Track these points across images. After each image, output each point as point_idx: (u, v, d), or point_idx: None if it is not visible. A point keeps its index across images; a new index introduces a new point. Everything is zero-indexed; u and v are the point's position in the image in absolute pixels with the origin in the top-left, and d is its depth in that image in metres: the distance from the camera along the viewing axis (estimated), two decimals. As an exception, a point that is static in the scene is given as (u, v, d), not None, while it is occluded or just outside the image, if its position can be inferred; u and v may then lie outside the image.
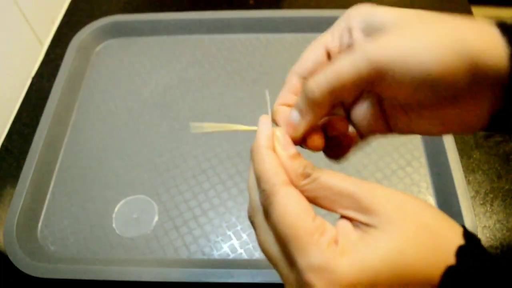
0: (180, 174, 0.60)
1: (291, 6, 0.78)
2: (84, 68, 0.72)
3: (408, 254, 0.22)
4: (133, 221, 0.56)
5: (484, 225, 0.54)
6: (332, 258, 0.23)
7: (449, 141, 0.57)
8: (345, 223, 0.25)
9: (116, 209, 0.57)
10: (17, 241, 0.52)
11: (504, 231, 0.53)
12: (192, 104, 0.67)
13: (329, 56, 0.30)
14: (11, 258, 0.51)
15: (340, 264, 0.22)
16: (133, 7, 0.81)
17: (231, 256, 0.53)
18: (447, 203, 0.54)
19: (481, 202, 0.55)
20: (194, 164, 0.60)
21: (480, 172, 0.58)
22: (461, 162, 0.56)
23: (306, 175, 0.26)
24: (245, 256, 0.53)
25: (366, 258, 0.22)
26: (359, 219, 0.24)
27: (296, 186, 0.26)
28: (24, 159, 0.59)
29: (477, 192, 0.56)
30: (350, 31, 0.28)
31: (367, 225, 0.24)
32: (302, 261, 0.23)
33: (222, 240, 0.54)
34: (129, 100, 0.68)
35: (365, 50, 0.24)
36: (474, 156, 0.59)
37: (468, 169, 0.58)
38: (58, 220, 0.57)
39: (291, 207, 0.24)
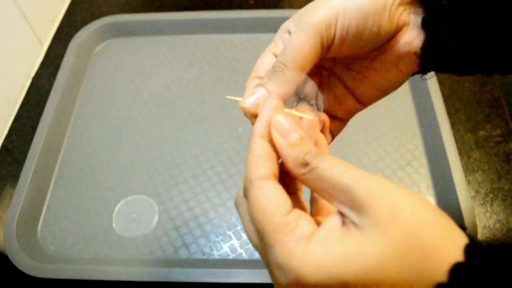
0: (180, 174, 0.60)
1: (291, 6, 0.78)
2: (84, 68, 0.72)
3: (388, 266, 0.21)
4: (133, 221, 0.56)
5: (484, 225, 0.54)
6: (298, 257, 0.22)
7: (449, 141, 0.57)
8: (335, 218, 0.24)
9: (116, 209, 0.57)
10: (17, 241, 0.52)
11: (504, 231, 0.53)
12: (192, 104, 0.67)
13: None
14: (11, 258, 0.51)
15: (306, 264, 0.22)
16: (133, 7, 0.81)
17: (231, 256, 0.53)
18: (447, 203, 0.54)
19: (481, 202, 0.55)
20: (194, 164, 0.60)
21: (480, 172, 0.58)
22: (461, 162, 0.56)
23: (305, 164, 0.24)
24: (245, 256, 0.53)
25: (337, 263, 0.22)
26: (350, 217, 0.23)
27: (296, 176, 0.25)
28: (24, 159, 0.59)
29: (477, 192, 0.56)
30: (288, 31, 0.31)
31: (355, 225, 0.22)
32: (270, 256, 0.24)
33: (222, 240, 0.54)
34: (129, 100, 0.68)
35: (305, 19, 0.28)
36: (474, 156, 0.59)
37: (468, 169, 0.58)
38: (58, 220, 0.57)
39: (262, 202, 0.24)
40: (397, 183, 0.59)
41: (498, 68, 0.30)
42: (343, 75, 0.33)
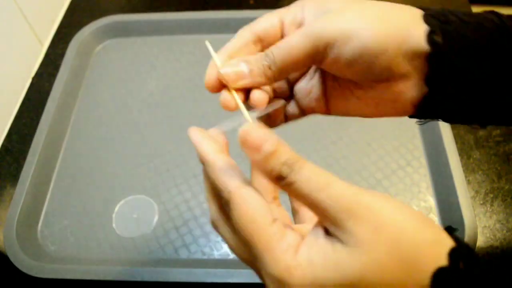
0: (180, 174, 0.60)
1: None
2: (84, 68, 0.72)
3: (370, 282, 0.21)
4: (133, 221, 0.56)
5: (484, 225, 0.54)
6: (285, 268, 0.22)
7: (449, 141, 0.57)
8: (319, 231, 0.24)
9: (116, 209, 0.57)
10: (17, 241, 0.52)
11: (504, 231, 0.53)
12: (192, 104, 0.67)
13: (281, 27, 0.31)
14: (11, 257, 0.51)
15: (293, 276, 0.22)
16: (133, 7, 0.81)
17: (231, 256, 0.53)
18: (447, 203, 0.54)
19: (481, 202, 0.55)
20: (194, 164, 0.60)
21: (480, 172, 0.58)
22: (461, 162, 0.56)
23: (282, 178, 0.23)
24: (245, 256, 0.53)
25: (320, 276, 0.22)
26: (332, 231, 0.23)
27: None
28: (24, 159, 0.59)
29: (477, 192, 0.56)
30: (302, 11, 0.30)
31: (338, 239, 0.22)
32: (261, 266, 0.24)
33: (222, 240, 0.54)
34: (129, 100, 0.68)
35: (312, 26, 0.27)
36: (474, 156, 0.59)
37: (468, 169, 0.58)
38: (58, 220, 0.57)
39: (248, 211, 0.24)
40: (397, 183, 0.59)
41: (500, 120, 0.29)
42: (327, 81, 0.33)
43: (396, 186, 0.57)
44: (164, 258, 0.53)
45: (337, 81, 0.32)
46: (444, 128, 0.58)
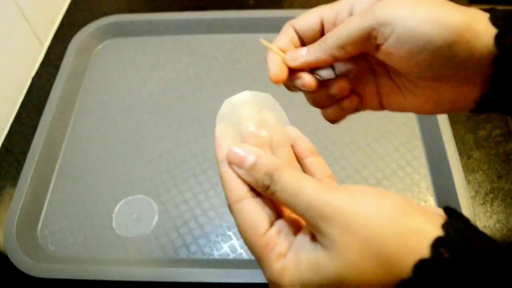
0: (180, 174, 0.60)
1: (291, 6, 0.78)
2: (84, 68, 0.72)
3: (349, 282, 0.22)
4: (133, 221, 0.56)
5: (484, 225, 0.54)
6: (278, 274, 0.24)
7: (449, 141, 0.57)
8: (305, 237, 0.25)
9: (116, 209, 0.57)
10: (17, 241, 0.52)
11: (504, 231, 0.53)
12: (191, 104, 0.67)
13: (322, 26, 0.32)
14: (11, 258, 0.51)
15: (284, 280, 0.24)
16: (132, 7, 0.81)
17: (231, 256, 0.53)
18: (447, 203, 0.54)
19: (481, 202, 0.55)
20: (194, 164, 0.60)
21: (480, 172, 0.58)
22: (461, 162, 0.56)
23: (266, 188, 0.25)
24: (245, 256, 0.53)
25: (306, 277, 0.23)
26: (314, 234, 0.24)
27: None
28: (24, 159, 0.59)
29: (477, 192, 0.56)
30: (351, 11, 0.31)
31: (319, 242, 0.24)
32: (263, 271, 0.26)
33: (222, 240, 0.54)
34: (129, 100, 0.68)
35: (373, 9, 0.28)
36: (474, 156, 0.59)
37: (468, 169, 0.58)
38: (58, 220, 0.57)
39: (242, 226, 0.26)
40: (397, 183, 0.59)
41: None
42: (381, 80, 0.33)
43: (396, 186, 0.57)
44: (164, 258, 0.53)
45: (392, 79, 0.32)
46: (444, 128, 0.58)
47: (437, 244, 0.21)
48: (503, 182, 0.57)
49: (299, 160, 0.32)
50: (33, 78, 0.71)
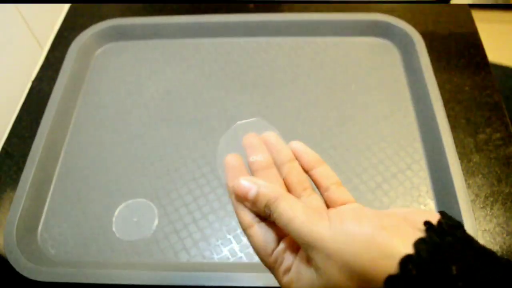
0: (180, 178, 0.60)
1: (291, 9, 0.79)
2: (84, 72, 0.72)
3: None
4: (133, 225, 0.56)
5: (484, 228, 0.54)
6: (287, 286, 0.29)
7: (449, 145, 0.57)
8: (301, 254, 0.29)
9: (116, 213, 0.57)
10: (17, 245, 0.52)
11: (504, 235, 0.53)
12: (192, 107, 0.67)
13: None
14: (11, 261, 0.51)
15: None
16: (133, 10, 0.81)
17: (231, 259, 0.53)
18: (447, 206, 0.54)
19: (481, 205, 0.55)
20: (194, 167, 0.60)
21: (480, 175, 0.58)
22: (461, 165, 0.56)
23: (269, 216, 0.30)
24: (245, 259, 0.53)
25: None
26: (307, 256, 0.28)
27: None
28: (24, 162, 0.59)
29: (477, 195, 0.56)
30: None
31: (310, 263, 0.28)
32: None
33: (222, 244, 0.54)
34: (129, 104, 0.68)
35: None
36: (474, 159, 0.59)
37: (468, 173, 0.58)
38: (58, 223, 0.57)
39: (254, 248, 0.31)
40: (397, 187, 0.59)
41: None
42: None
43: (396, 189, 0.57)
44: (164, 262, 0.53)
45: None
46: (444, 132, 0.58)
47: (405, 262, 0.24)
48: (503, 186, 0.57)
49: (306, 172, 0.33)
50: (33, 82, 0.72)
